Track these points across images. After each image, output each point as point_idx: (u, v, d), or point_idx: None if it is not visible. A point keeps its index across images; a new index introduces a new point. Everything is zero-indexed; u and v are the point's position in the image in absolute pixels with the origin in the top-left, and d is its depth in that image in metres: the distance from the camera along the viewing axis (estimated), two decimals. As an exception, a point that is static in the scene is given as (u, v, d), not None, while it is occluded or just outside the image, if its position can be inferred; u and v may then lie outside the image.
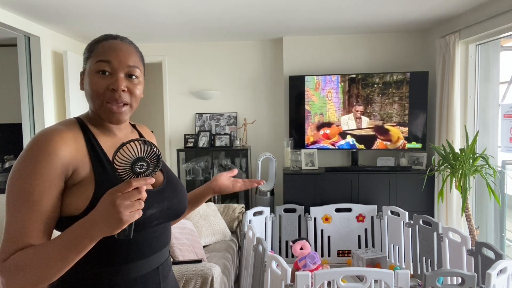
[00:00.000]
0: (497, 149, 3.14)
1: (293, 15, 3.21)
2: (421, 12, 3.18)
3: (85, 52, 0.97)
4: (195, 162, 4.14)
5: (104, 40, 0.95)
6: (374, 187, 3.58)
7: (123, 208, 0.75)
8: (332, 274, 1.80)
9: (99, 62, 0.91)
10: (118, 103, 0.92)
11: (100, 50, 0.93)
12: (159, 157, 0.81)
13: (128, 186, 0.76)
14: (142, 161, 0.80)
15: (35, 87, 3.41)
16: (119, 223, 0.75)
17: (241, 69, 4.25)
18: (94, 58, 0.93)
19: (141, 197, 0.77)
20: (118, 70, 0.92)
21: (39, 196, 0.83)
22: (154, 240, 0.97)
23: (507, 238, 3.14)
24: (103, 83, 0.91)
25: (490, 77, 3.22)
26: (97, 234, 0.77)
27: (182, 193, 1.06)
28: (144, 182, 0.77)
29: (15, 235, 0.82)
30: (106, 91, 0.91)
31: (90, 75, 0.92)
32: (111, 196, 0.76)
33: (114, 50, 0.93)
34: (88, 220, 0.78)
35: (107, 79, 0.91)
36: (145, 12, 3.04)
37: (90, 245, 0.79)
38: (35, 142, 0.86)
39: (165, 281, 1.01)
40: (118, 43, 0.95)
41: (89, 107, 0.97)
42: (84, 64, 0.96)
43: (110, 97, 0.91)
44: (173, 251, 2.46)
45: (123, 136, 1.02)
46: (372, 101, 3.75)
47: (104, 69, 0.91)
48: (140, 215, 0.78)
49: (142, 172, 0.80)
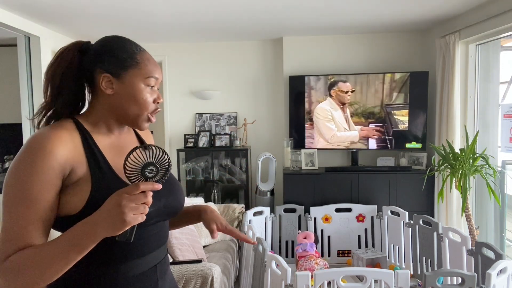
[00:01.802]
0: (497, 149, 3.14)
1: (293, 15, 3.21)
2: (421, 12, 3.18)
3: (123, 59, 0.95)
4: (195, 162, 4.14)
5: (142, 51, 0.99)
6: (374, 187, 3.58)
7: (128, 209, 0.77)
8: (332, 274, 1.80)
9: (150, 78, 0.97)
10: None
11: (147, 65, 0.97)
12: (169, 164, 0.84)
13: (136, 189, 0.78)
14: (152, 166, 0.82)
15: (35, 87, 3.41)
16: (122, 224, 0.77)
17: (241, 69, 4.25)
18: (142, 72, 0.96)
19: (146, 202, 0.79)
20: (158, 85, 1.01)
21: (37, 196, 0.83)
22: (151, 238, 0.98)
23: (507, 238, 3.14)
24: (152, 97, 0.98)
25: (490, 77, 3.22)
26: (100, 233, 0.78)
27: (179, 191, 1.06)
28: (151, 186, 0.80)
29: (14, 235, 0.82)
30: (152, 104, 0.98)
31: (138, 87, 0.96)
32: (117, 197, 0.78)
33: (157, 67, 1.00)
34: (91, 219, 0.79)
35: (154, 93, 0.99)
36: (145, 12, 3.04)
37: (92, 244, 0.79)
38: (32, 142, 0.86)
39: (162, 280, 1.01)
40: (152, 57, 1.01)
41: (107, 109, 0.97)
42: (119, 70, 0.95)
43: (155, 109, 0.99)
44: (173, 251, 2.46)
45: (119, 135, 1.03)
46: (372, 101, 3.75)
47: (153, 85, 0.98)
48: (143, 219, 0.79)
49: (151, 177, 0.82)
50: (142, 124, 0.99)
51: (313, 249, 3.12)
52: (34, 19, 3.20)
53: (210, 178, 4.15)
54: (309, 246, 3.10)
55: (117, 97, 0.95)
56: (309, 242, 3.14)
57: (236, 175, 4.19)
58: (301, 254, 3.08)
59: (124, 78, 0.95)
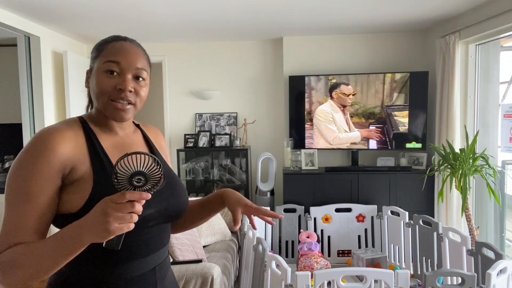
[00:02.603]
0: (497, 149, 3.14)
1: (293, 15, 3.21)
2: (421, 12, 3.18)
3: (93, 51, 0.98)
4: (195, 162, 4.14)
5: (114, 41, 0.96)
6: (374, 187, 3.58)
7: (113, 218, 0.73)
8: (332, 274, 1.80)
9: (108, 62, 0.92)
10: (123, 101, 0.93)
11: (109, 51, 0.94)
12: (161, 177, 0.78)
13: (122, 198, 0.74)
14: (141, 175, 0.77)
15: (35, 87, 3.41)
16: (105, 233, 0.74)
17: (241, 69, 4.25)
18: (103, 58, 0.94)
19: (134, 211, 0.75)
20: (126, 71, 0.93)
21: (35, 192, 0.84)
22: (151, 240, 0.96)
23: (507, 238, 3.14)
24: (111, 82, 0.92)
25: (490, 77, 3.22)
26: (85, 239, 0.77)
27: (182, 194, 1.04)
28: (139, 196, 0.75)
29: (10, 230, 0.83)
30: (113, 90, 0.92)
31: (97, 74, 0.93)
32: (103, 204, 0.75)
33: (124, 52, 0.94)
34: (79, 224, 0.78)
35: (115, 79, 0.93)
36: (145, 12, 3.04)
37: (80, 248, 0.78)
38: (34, 140, 0.87)
39: (162, 283, 1.00)
40: (127, 45, 0.96)
41: (94, 105, 0.99)
42: (92, 63, 0.97)
43: (116, 95, 0.92)
44: (173, 251, 2.46)
45: (125, 135, 1.02)
46: (372, 101, 3.75)
47: (113, 69, 0.92)
48: (130, 229, 0.76)
49: (139, 186, 0.77)
50: (110, 112, 0.93)
51: (317, 248, 3.14)
52: (34, 19, 3.20)
53: (210, 178, 4.15)
54: (314, 245, 3.12)
55: (91, 91, 0.97)
56: (313, 241, 3.15)
57: (236, 175, 4.19)
58: (304, 252, 3.09)
59: (93, 70, 0.96)
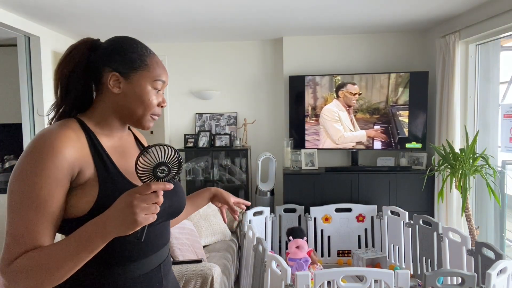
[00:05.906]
0: (497, 149, 3.14)
1: (293, 15, 3.21)
2: (421, 12, 3.18)
3: (133, 60, 0.96)
4: (195, 162, 4.14)
5: (152, 54, 1.00)
6: (374, 187, 3.58)
7: (139, 209, 0.76)
8: (332, 274, 1.80)
9: (158, 81, 0.98)
10: (158, 116, 1.02)
11: (156, 68, 0.98)
12: (181, 163, 0.83)
13: (147, 189, 0.78)
14: (164, 165, 0.81)
15: (35, 87, 3.41)
16: (133, 224, 0.76)
17: (241, 69, 4.25)
18: (151, 74, 0.97)
19: (157, 201, 0.79)
20: (163, 89, 1.02)
21: (46, 197, 0.82)
22: (155, 238, 0.99)
23: (507, 238, 3.14)
24: (157, 100, 0.99)
25: (490, 77, 3.22)
26: (111, 233, 0.78)
27: (181, 191, 1.08)
28: (163, 186, 0.79)
29: (22, 237, 0.81)
30: (156, 107, 0.99)
31: (145, 88, 0.96)
32: (129, 196, 0.77)
33: (165, 71, 1.01)
34: (101, 219, 0.79)
35: (160, 97, 1.00)
36: (146, 12, 3.04)
37: (103, 244, 0.79)
38: (39, 142, 0.84)
39: (166, 279, 1.02)
40: (161, 62, 1.03)
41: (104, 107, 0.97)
42: (126, 69, 0.95)
43: (158, 111, 1.00)
44: (173, 251, 2.46)
45: (121, 137, 1.03)
46: (372, 101, 3.75)
47: (160, 88, 0.99)
48: (155, 219, 0.79)
49: (163, 177, 0.81)
50: (147, 123, 0.99)
51: (307, 264, 3.00)
52: (34, 19, 3.19)
53: (210, 178, 4.15)
54: (304, 263, 2.97)
55: (123, 97, 0.95)
56: (303, 258, 2.99)
57: (236, 175, 4.19)
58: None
59: (133, 79, 0.95)
